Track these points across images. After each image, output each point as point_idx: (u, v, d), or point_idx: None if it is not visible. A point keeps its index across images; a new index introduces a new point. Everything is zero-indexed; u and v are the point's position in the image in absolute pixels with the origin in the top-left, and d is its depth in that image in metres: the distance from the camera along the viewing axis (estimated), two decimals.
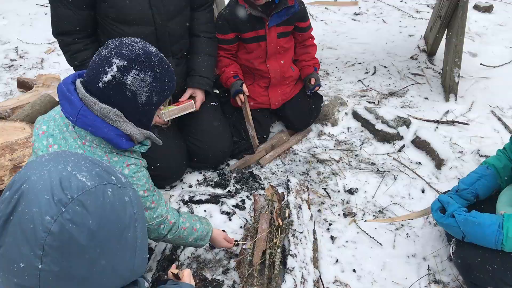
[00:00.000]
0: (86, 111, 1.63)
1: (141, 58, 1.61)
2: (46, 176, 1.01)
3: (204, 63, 2.90)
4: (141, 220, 1.16)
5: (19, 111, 3.36)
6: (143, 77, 1.62)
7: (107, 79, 1.59)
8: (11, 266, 1.00)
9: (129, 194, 1.13)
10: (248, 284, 2.20)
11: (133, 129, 1.70)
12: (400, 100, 3.83)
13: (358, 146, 3.32)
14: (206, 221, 2.29)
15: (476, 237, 2.01)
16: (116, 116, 1.64)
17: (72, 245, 0.99)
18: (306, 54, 3.28)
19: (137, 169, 1.81)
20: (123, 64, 1.58)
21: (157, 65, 1.65)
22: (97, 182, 1.04)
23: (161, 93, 1.70)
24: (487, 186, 2.27)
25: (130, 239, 1.11)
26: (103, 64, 1.59)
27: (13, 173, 2.59)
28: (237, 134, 3.19)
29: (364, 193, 2.92)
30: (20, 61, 4.57)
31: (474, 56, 4.40)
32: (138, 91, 1.63)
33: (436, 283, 2.35)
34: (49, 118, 1.80)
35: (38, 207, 0.97)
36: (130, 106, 1.65)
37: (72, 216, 0.98)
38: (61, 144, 1.71)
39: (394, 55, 4.53)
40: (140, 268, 1.20)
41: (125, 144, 1.70)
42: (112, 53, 1.60)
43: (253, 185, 2.99)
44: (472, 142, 3.31)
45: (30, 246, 0.97)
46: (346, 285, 2.35)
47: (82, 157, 1.11)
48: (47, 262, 0.98)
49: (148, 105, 1.69)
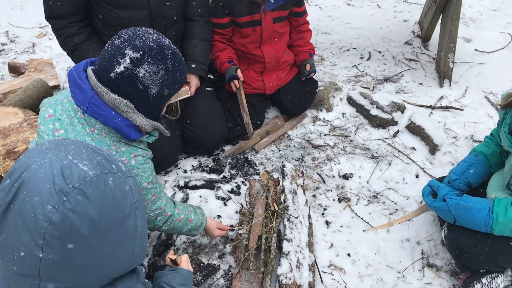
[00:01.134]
0: (98, 101, 1.61)
1: (155, 51, 1.59)
2: (47, 165, 1.01)
3: (198, 48, 2.87)
4: (141, 208, 1.16)
5: (11, 96, 3.33)
6: (155, 70, 1.60)
7: (119, 71, 1.57)
8: (11, 255, 1.00)
9: (130, 182, 1.12)
10: (244, 268, 2.22)
11: (143, 120, 1.70)
12: (394, 85, 3.83)
13: (353, 132, 3.33)
14: (200, 211, 2.29)
15: (467, 221, 2.03)
16: (127, 107, 1.63)
17: (73, 234, 0.99)
18: (301, 40, 3.27)
19: (143, 160, 1.80)
20: (136, 56, 1.56)
21: (170, 58, 1.64)
22: (98, 171, 1.04)
23: (172, 86, 1.70)
24: (478, 174, 2.29)
25: (130, 228, 1.11)
26: (115, 55, 1.57)
27: (6, 158, 2.58)
28: (232, 119, 3.18)
29: (359, 178, 2.93)
30: (11, 45, 4.51)
31: (468, 41, 4.40)
32: (150, 84, 1.61)
33: (430, 267, 2.38)
34: (56, 102, 1.77)
35: (39, 196, 0.97)
36: (141, 98, 1.64)
37: (73, 206, 0.98)
38: (68, 130, 1.69)
39: (389, 40, 4.52)
40: (140, 257, 1.20)
41: (134, 135, 1.70)
42: (125, 43, 1.58)
43: (248, 171, 2.99)
44: (466, 127, 3.32)
45: (31, 235, 0.97)
46: (340, 269, 2.37)
47: (83, 145, 1.11)
48: (48, 251, 0.98)
49: (158, 98, 1.68)
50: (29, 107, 3.20)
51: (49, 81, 3.63)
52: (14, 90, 3.45)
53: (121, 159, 1.70)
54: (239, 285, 2.17)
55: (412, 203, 2.73)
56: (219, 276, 2.33)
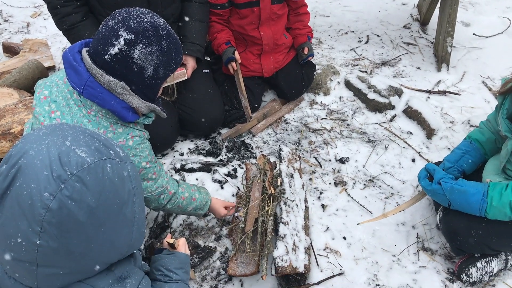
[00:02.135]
0: (94, 83, 1.60)
1: (149, 32, 1.57)
2: (44, 151, 1.00)
3: (195, 29, 2.84)
4: (139, 194, 1.16)
5: (5, 76, 3.29)
6: (150, 51, 1.58)
7: (113, 52, 1.55)
8: (8, 241, 0.99)
9: (128, 168, 1.12)
10: (241, 250, 2.23)
11: (139, 102, 1.69)
12: (392, 69, 3.82)
13: (350, 116, 3.33)
14: (205, 191, 2.30)
15: (461, 205, 2.05)
16: (122, 89, 1.62)
17: (71, 222, 0.98)
18: (300, 22, 3.23)
19: (141, 140, 1.80)
20: (130, 38, 1.54)
21: (165, 39, 1.62)
22: (96, 158, 1.03)
23: (168, 67, 1.68)
24: (472, 161, 2.30)
25: (128, 215, 1.11)
26: (110, 36, 1.55)
27: (1, 139, 2.56)
28: (229, 102, 3.16)
29: (355, 162, 2.94)
30: (5, 25, 4.44)
31: (467, 25, 4.37)
32: (145, 65, 1.60)
33: (425, 250, 2.40)
34: (52, 83, 1.76)
35: (37, 183, 0.96)
36: (136, 80, 1.63)
37: (71, 193, 0.97)
38: (64, 111, 1.68)
39: (387, 23, 4.48)
40: (137, 242, 1.21)
41: (130, 117, 1.69)
42: (119, 24, 1.56)
43: (245, 154, 2.99)
44: (463, 112, 3.33)
45: (28, 222, 0.97)
46: (336, 252, 2.39)
47: (81, 130, 1.10)
48: (45, 238, 0.97)
49: (154, 79, 1.67)
50: (24, 88, 3.17)
51: (44, 62, 3.59)
52: (9, 71, 3.41)
53: (119, 140, 1.70)
54: (236, 267, 2.18)
55: (408, 187, 2.74)
56: (216, 258, 2.35)
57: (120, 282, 1.19)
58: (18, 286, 1.10)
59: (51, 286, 1.08)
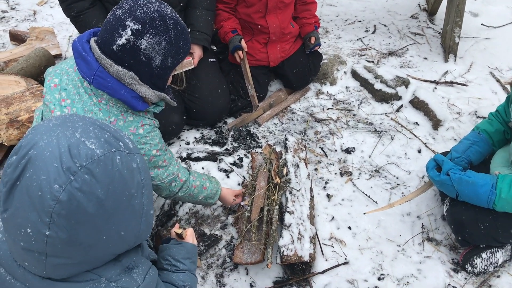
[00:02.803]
0: (103, 72, 1.60)
1: (156, 22, 1.57)
2: (54, 143, 1.00)
3: (202, 17, 2.83)
4: (147, 186, 1.16)
5: (12, 64, 3.30)
6: (157, 41, 1.58)
7: (121, 43, 1.55)
8: (18, 230, 1.00)
9: (137, 160, 1.12)
10: (246, 239, 2.25)
11: (148, 91, 1.69)
12: (399, 59, 3.79)
13: (356, 106, 3.32)
14: (215, 180, 2.32)
15: (469, 196, 2.04)
16: (131, 79, 1.62)
17: (80, 214, 0.99)
18: (307, 12, 3.21)
19: (151, 129, 1.81)
20: (137, 28, 1.54)
21: (172, 28, 1.61)
22: (106, 150, 1.03)
23: (176, 56, 1.68)
24: (480, 152, 2.29)
25: (137, 206, 1.12)
26: (117, 26, 1.55)
27: (9, 127, 2.57)
28: (235, 92, 3.16)
29: (361, 153, 2.94)
30: (12, 12, 4.44)
31: (475, 16, 4.33)
32: (153, 55, 1.60)
33: (430, 241, 2.40)
34: (62, 71, 1.76)
35: (47, 174, 0.97)
36: (144, 70, 1.63)
37: (80, 185, 0.98)
38: (74, 99, 1.69)
39: (395, 13, 4.45)
40: (145, 233, 1.21)
41: (141, 106, 1.69)
42: (126, 14, 1.55)
43: (251, 144, 2.99)
44: (469, 103, 3.31)
45: (37, 213, 0.97)
46: (341, 242, 2.40)
47: (91, 122, 1.10)
48: (55, 229, 0.98)
49: (162, 69, 1.67)
50: (31, 76, 3.18)
51: (51, 50, 3.59)
52: (16, 59, 3.42)
53: (130, 129, 1.71)
54: (241, 255, 2.20)
55: (414, 178, 2.74)
56: (221, 247, 2.36)
57: (127, 272, 1.21)
58: (27, 275, 1.12)
59: (60, 275, 1.09)
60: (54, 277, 1.10)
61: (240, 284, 2.21)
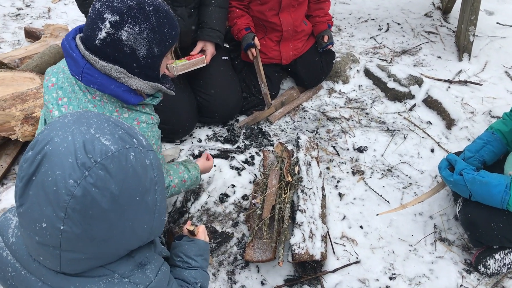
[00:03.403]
0: (90, 69, 1.57)
1: (134, 10, 1.52)
2: (69, 139, 1.01)
3: (215, 15, 2.84)
4: (160, 183, 1.17)
5: (27, 61, 3.33)
6: (138, 31, 1.53)
7: (102, 37, 1.52)
8: (33, 225, 1.02)
9: (150, 157, 1.13)
10: (257, 237, 2.25)
11: (140, 83, 1.65)
12: (412, 58, 3.77)
13: (369, 105, 3.30)
14: (192, 166, 2.26)
15: (483, 196, 2.02)
16: (118, 73, 1.59)
17: (94, 209, 1.00)
18: (320, 10, 3.20)
19: (147, 127, 1.78)
20: (115, 19, 1.50)
21: (153, 15, 1.55)
22: (120, 146, 1.04)
23: (162, 43, 1.62)
24: (494, 152, 2.26)
25: (150, 202, 1.12)
26: (96, 20, 1.52)
27: (24, 123, 2.60)
28: (247, 90, 3.16)
29: (373, 152, 2.92)
30: (27, 10, 4.49)
31: (490, 14, 4.28)
32: (136, 46, 1.55)
33: (442, 241, 2.39)
34: (58, 70, 1.75)
35: (62, 170, 0.98)
36: (131, 62, 1.59)
37: (95, 180, 0.99)
38: (70, 97, 1.68)
39: (408, 11, 4.42)
40: (158, 230, 1.22)
41: (133, 99, 1.65)
42: (104, 7, 1.52)
43: (262, 142, 2.99)
44: (484, 102, 3.28)
45: (52, 208, 0.99)
46: (353, 241, 2.39)
47: (105, 118, 1.11)
48: (69, 224, 0.99)
49: (150, 58, 1.62)
50: None
51: None
52: (31, 56, 3.46)
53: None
54: (252, 253, 2.20)
55: (427, 178, 2.72)
56: (233, 244, 2.37)
57: (140, 268, 1.21)
58: (42, 269, 1.14)
59: (74, 270, 1.11)
60: (68, 271, 1.11)
61: (251, 282, 2.21)
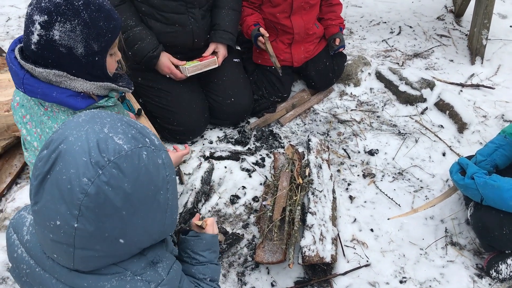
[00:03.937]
0: (29, 79, 1.50)
1: (62, 7, 1.43)
2: (83, 138, 1.03)
3: (228, 17, 2.85)
4: (172, 182, 1.18)
5: None
6: (70, 28, 1.44)
7: (35, 40, 1.45)
8: (48, 223, 1.04)
9: (162, 156, 1.14)
10: (268, 239, 2.25)
11: (86, 84, 1.55)
12: (424, 61, 3.75)
13: (380, 108, 3.29)
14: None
15: (494, 200, 2.01)
16: (58, 77, 1.50)
17: (107, 207, 1.02)
18: (332, 13, 3.20)
19: None
20: (44, 19, 1.42)
21: (83, 9, 1.45)
22: (133, 145, 1.06)
23: (100, 38, 1.51)
24: (506, 156, 2.25)
25: (162, 201, 1.14)
26: (28, 24, 1.45)
27: None
28: (258, 92, 3.17)
29: (385, 155, 2.91)
30: None
31: (504, 18, 4.25)
32: (72, 44, 1.46)
33: (453, 245, 2.37)
34: None
35: (76, 168, 1.00)
36: (70, 62, 1.50)
37: (108, 179, 1.00)
38: (31, 113, 1.63)
39: (420, 15, 4.40)
40: (170, 228, 1.24)
41: (80, 104, 1.56)
42: (33, 9, 1.44)
43: (273, 144, 3.00)
44: (496, 106, 3.25)
45: (67, 206, 1.01)
46: (363, 244, 2.39)
47: (118, 118, 1.12)
48: (83, 221, 1.01)
49: (90, 55, 1.52)
50: None
51: None
52: None
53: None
54: (263, 254, 2.21)
55: (438, 181, 2.71)
56: (243, 245, 2.38)
57: (152, 266, 1.23)
58: (56, 267, 1.16)
59: (87, 267, 1.13)
60: (81, 269, 1.13)
61: (261, 283, 2.22)
